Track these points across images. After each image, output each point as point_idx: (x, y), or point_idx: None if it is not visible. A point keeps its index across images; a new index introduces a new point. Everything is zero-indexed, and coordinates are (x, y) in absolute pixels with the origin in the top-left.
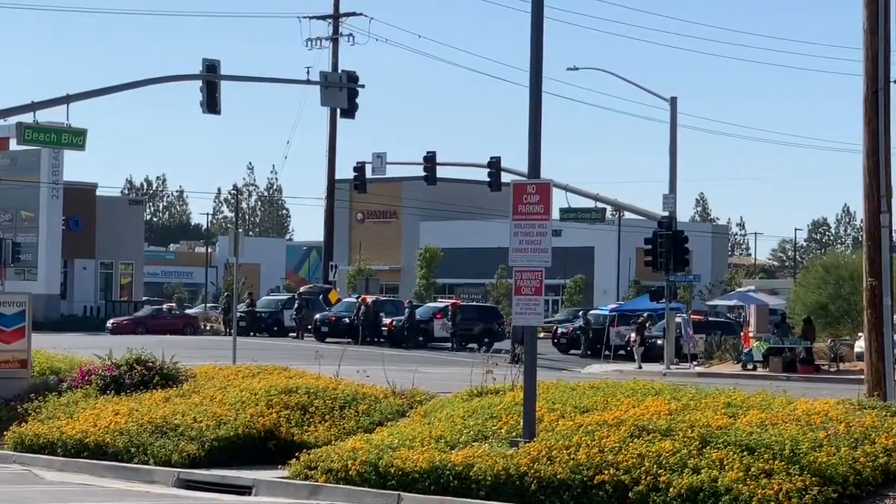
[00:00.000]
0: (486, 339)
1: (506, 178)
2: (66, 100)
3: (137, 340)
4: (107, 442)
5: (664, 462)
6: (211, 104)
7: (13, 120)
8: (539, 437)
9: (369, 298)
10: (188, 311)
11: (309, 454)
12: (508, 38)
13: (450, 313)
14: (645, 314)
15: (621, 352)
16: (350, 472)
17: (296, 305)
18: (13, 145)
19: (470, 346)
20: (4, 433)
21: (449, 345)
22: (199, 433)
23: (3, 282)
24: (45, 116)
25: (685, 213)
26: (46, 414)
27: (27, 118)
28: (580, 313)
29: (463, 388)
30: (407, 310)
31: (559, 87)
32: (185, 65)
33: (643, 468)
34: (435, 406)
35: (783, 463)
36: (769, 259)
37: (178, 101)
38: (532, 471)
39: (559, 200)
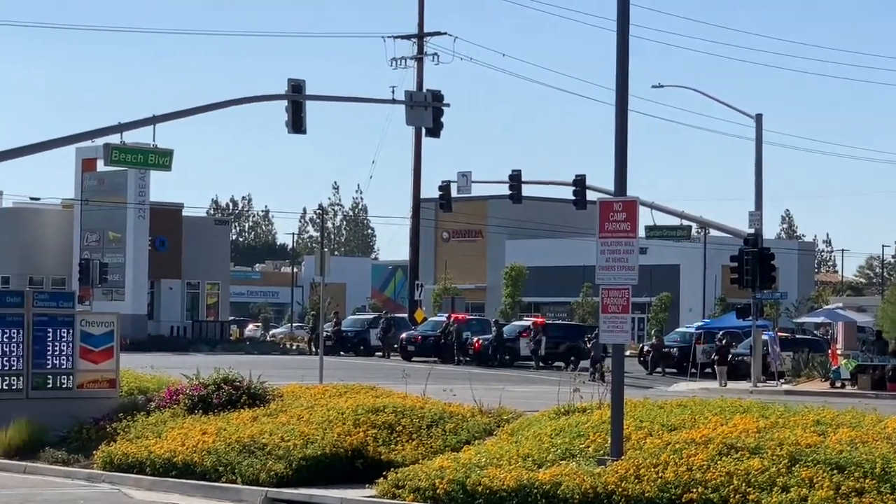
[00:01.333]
0: (572, 358)
1: (591, 195)
2: (153, 120)
3: None
4: (195, 461)
5: (753, 480)
6: (296, 124)
7: (101, 141)
8: (627, 456)
9: (458, 317)
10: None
11: (396, 473)
12: (593, 56)
13: (531, 332)
14: (721, 332)
15: (707, 370)
16: (437, 491)
17: (382, 324)
18: (101, 166)
19: (556, 364)
20: (94, 452)
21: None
22: (286, 452)
23: (91, 302)
24: (131, 137)
25: (771, 230)
26: (135, 433)
27: (114, 139)
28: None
29: (550, 406)
30: (493, 329)
31: (644, 104)
32: (271, 84)
33: (732, 486)
34: (522, 424)
35: (874, 481)
36: (856, 276)
37: (263, 120)
38: (620, 489)
39: (644, 218)
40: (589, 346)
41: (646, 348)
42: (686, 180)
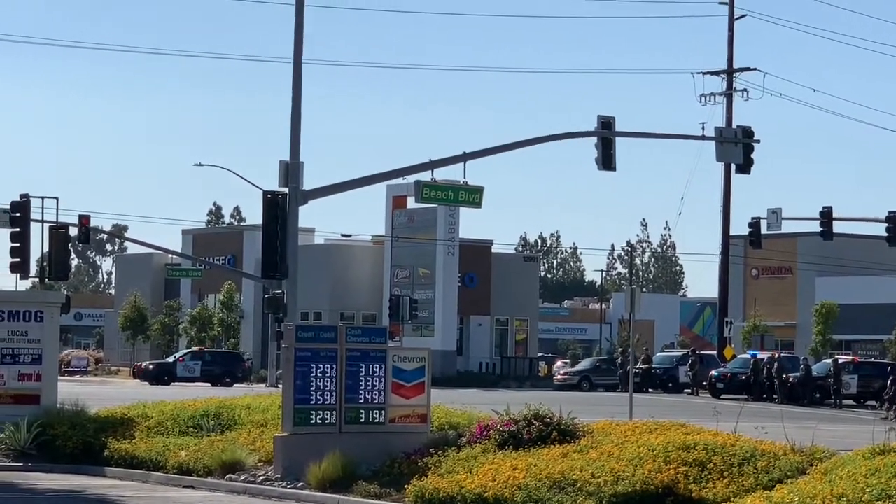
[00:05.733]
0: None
1: None
2: (463, 157)
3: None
4: (505, 496)
5: None
6: (606, 161)
7: (412, 178)
8: None
9: (776, 354)
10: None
11: None
12: None
13: (832, 370)
14: None
15: None
16: None
17: (689, 361)
18: (411, 203)
19: (869, 403)
20: (405, 486)
21: (852, 402)
22: (596, 489)
23: (401, 338)
24: (442, 174)
25: None
26: (446, 468)
27: (425, 176)
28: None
29: (864, 445)
30: (802, 366)
31: None
32: (579, 121)
33: None
34: (835, 464)
35: None
36: None
37: (571, 157)
38: None
39: None
40: (888, 383)
41: None
42: None
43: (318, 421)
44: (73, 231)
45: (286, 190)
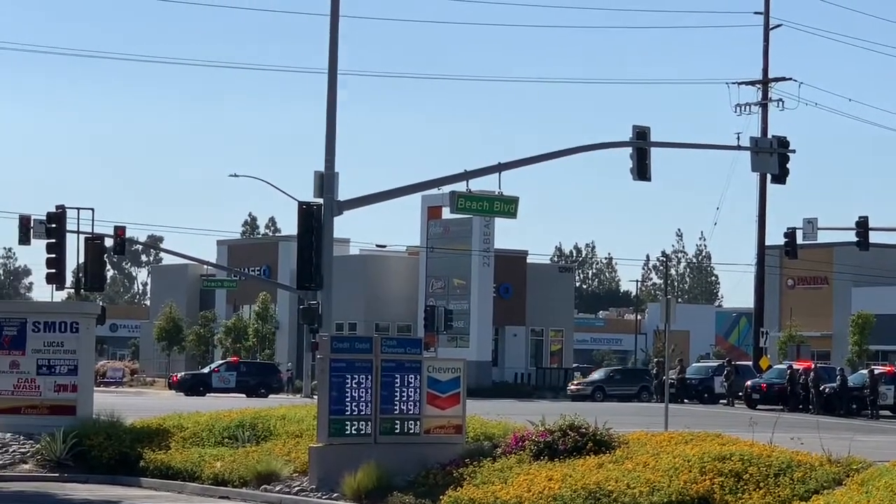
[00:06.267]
0: None
1: None
2: (498, 168)
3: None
4: None
5: None
6: (641, 171)
7: (447, 189)
8: None
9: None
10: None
11: None
12: None
13: (868, 380)
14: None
15: None
16: None
17: (725, 372)
18: (446, 213)
19: None
20: (440, 497)
21: (888, 413)
22: (632, 500)
23: (436, 348)
24: (477, 185)
25: None
26: (481, 479)
27: (460, 187)
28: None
29: None
30: (839, 377)
31: None
32: (614, 132)
33: None
34: (872, 475)
35: None
36: None
37: (606, 167)
38: None
39: None
40: None
41: None
42: None
43: (354, 432)
44: (109, 242)
45: (321, 200)
